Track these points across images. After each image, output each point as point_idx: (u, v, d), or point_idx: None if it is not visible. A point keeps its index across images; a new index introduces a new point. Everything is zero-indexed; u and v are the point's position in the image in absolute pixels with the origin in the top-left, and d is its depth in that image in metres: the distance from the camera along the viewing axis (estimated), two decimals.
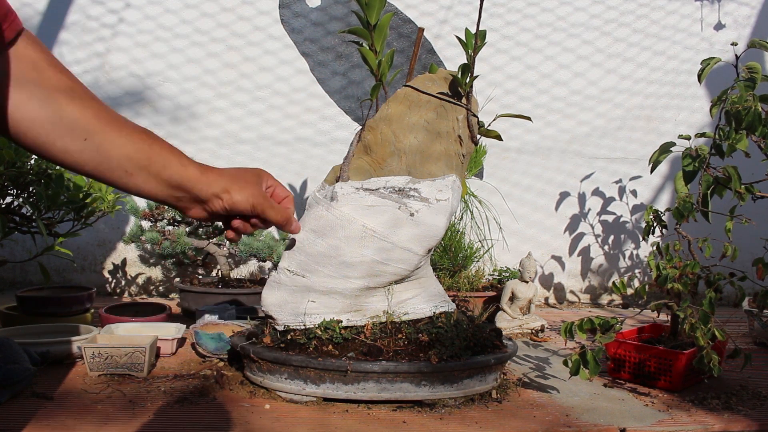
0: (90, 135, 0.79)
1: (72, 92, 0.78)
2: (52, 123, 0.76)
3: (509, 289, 1.93)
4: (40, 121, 0.75)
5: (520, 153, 2.72)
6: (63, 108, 0.76)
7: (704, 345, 1.30)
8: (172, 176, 0.87)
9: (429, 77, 1.38)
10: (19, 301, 1.73)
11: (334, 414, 1.19)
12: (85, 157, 0.79)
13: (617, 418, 1.21)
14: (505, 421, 1.18)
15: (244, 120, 2.57)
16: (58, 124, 0.76)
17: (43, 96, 0.75)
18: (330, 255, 1.24)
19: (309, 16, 2.61)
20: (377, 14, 1.37)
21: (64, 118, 0.76)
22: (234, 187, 0.96)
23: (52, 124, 0.76)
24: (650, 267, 1.48)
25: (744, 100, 1.42)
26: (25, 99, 0.74)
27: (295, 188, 2.59)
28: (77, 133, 0.78)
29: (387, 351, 1.24)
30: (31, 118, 0.75)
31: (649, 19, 2.78)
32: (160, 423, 1.12)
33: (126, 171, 0.83)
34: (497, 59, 2.70)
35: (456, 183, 1.30)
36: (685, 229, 1.53)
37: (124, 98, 2.51)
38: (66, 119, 0.77)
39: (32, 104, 0.74)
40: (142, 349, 1.35)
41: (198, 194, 0.92)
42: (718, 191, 1.52)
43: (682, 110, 2.80)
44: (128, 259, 2.53)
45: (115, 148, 0.81)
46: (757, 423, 1.22)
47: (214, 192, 0.93)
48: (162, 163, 0.86)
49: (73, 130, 0.77)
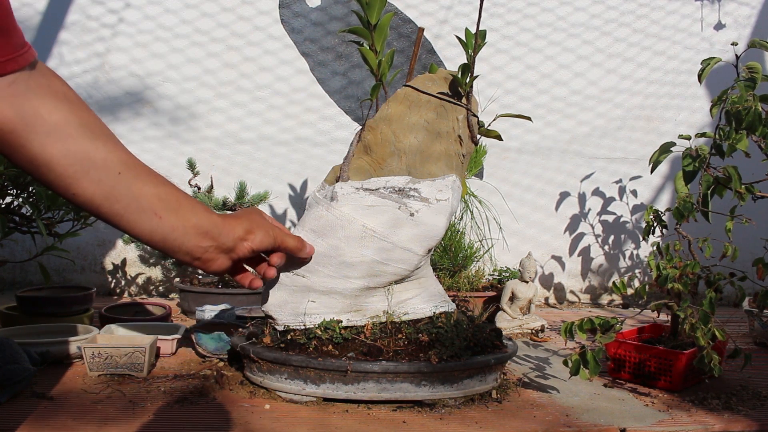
0: (122, 171, 0.75)
1: (96, 130, 0.74)
2: (80, 160, 0.72)
3: (509, 289, 1.93)
4: (66, 157, 0.71)
5: (521, 153, 2.72)
6: (89, 145, 0.72)
7: (704, 345, 1.30)
8: (200, 221, 0.84)
9: (429, 77, 1.38)
10: (19, 301, 1.73)
11: (334, 414, 1.19)
12: (115, 193, 0.75)
13: (617, 418, 1.21)
14: (505, 421, 1.18)
15: (244, 120, 2.57)
16: (85, 161, 0.72)
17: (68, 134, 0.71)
18: (330, 255, 1.24)
19: (309, 16, 2.61)
20: (377, 14, 1.37)
21: (91, 156, 0.73)
22: (253, 226, 0.95)
23: (79, 161, 0.72)
24: (650, 267, 1.48)
25: (744, 100, 1.42)
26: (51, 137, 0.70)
27: (295, 188, 2.59)
28: (108, 170, 0.74)
29: (387, 351, 1.24)
30: (56, 155, 0.70)
31: (649, 19, 2.78)
32: (160, 423, 1.12)
33: (155, 213, 0.79)
34: (497, 59, 2.70)
35: (456, 183, 1.30)
36: (685, 229, 1.53)
37: (124, 98, 2.51)
38: (94, 158, 0.73)
39: (57, 143, 0.70)
40: (142, 349, 1.35)
41: (225, 242, 0.89)
42: (719, 191, 1.52)
43: (683, 110, 2.80)
44: (128, 259, 2.53)
45: (147, 187, 0.78)
46: (758, 423, 1.22)
47: (239, 236, 0.91)
48: (190, 208, 0.83)
49: (103, 167, 0.73)
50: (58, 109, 0.71)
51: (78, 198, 0.74)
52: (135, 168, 0.77)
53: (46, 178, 0.72)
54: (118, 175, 0.75)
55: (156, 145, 2.53)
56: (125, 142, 0.79)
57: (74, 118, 0.72)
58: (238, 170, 2.54)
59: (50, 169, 0.71)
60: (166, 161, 2.52)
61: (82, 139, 0.72)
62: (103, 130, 0.75)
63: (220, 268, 0.91)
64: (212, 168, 2.48)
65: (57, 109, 0.70)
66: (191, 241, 0.84)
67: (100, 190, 0.74)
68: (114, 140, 0.76)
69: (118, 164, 0.75)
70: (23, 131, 0.68)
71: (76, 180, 0.72)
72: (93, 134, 0.73)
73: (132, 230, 0.79)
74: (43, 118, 0.69)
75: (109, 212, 0.76)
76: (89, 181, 0.73)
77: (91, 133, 0.73)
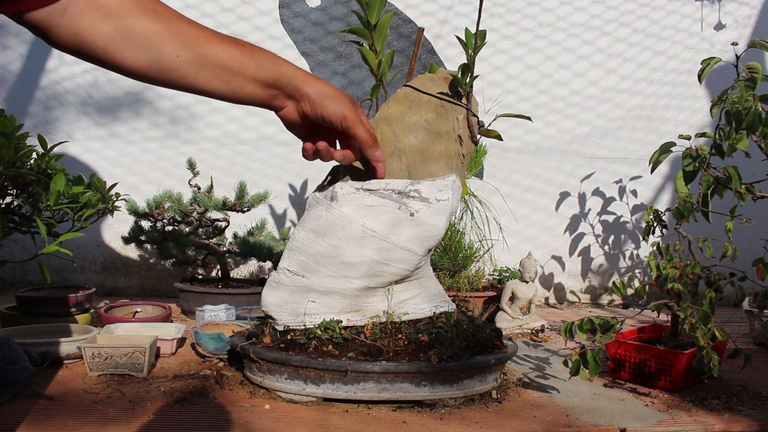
0: (192, 47, 0.85)
1: (157, 12, 0.82)
2: (159, 36, 0.81)
3: (509, 289, 1.93)
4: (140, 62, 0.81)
5: (521, 153, 2.72)
6: (153, 25, 0.81)
7: (704, 345, 1.30)
8: (268, 76, 0.93)
9: (429, 77, 1.38)
10: (19, 301, 1.73)
11: (334, 414, 1.19)
12: (187, 70, 0.85)
13: (617, 419, 1.21)
14: (505, 421, 1.18)
15: (244, 120, 2.57)
16: (165, 36, 0.82)
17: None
18: (330, 255, 1.24)
19: (309, 16, 2.61)
20: (377, 14, 1.37)
21: (160, 33, 0.81)
22: (330, 94, 1.00)
23: (158, 37, 0.81)
24: (650, 267, 1.47)
25: (744, 100, 1.42)
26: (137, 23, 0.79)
27: (295, 188, 2.59)
28: (178, 47, 0.83)
29: (387, 351, 1.24)
30: (140, 34, 0.80)
31: (649, 19, 2.78)
32: (160, 423, 1.12)
33: (223, 80, 0.89)
34: (497, 59, 2.70)
35: (456, 183, 1.30)
36: (686, 229, 1.53)
37: (123, 98, 2.51)
38: (161, 34, 0.82)
39: (144, 21, 0.80)
40: (142, 349, 1.35)
41: (293, 91, 0.97)
42: (719, 191, 1.52)
43: (683, 110, 2.80)
44: (128, 259, 2.53)
45: (212, 57, 0.87)
46: (758, 423, 1.22)
47: (306, 94, 0.98)
48: (255, 65, 0.91)
49: (181, 42, 0.83)
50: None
51: (128, 71, 0.84)
52: (201, 44, 0.86)
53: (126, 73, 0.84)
54: (177, 58, 0.84)
55: (156, 145, 2.53)
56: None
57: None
58: (238, 170, 2.54)
59: (132, 73, 0.83)
60: (166, 161, 2.52)
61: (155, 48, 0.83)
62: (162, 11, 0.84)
63: (288, 116, 1.01)
64: (212, 168, 2.48)
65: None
66: (260, 94, 0.94)
67: (172, 73, 0.86)
68: (171, 24, 0.84)
69: (179, 48, 0.84)
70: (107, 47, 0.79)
71: (147, 72, 0.84)
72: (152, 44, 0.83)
73: (205, 94, 0.91)
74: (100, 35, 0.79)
75: (180, 85, 0.88)
76: (149, 63, 0.84)
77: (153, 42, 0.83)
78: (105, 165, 2.49)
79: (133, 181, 2.47)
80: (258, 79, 0.92)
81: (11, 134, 1.37)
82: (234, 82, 0.90)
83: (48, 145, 1.46)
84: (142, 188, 2.42)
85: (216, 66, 0.87)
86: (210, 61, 0.87)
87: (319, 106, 0.99)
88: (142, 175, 2.51)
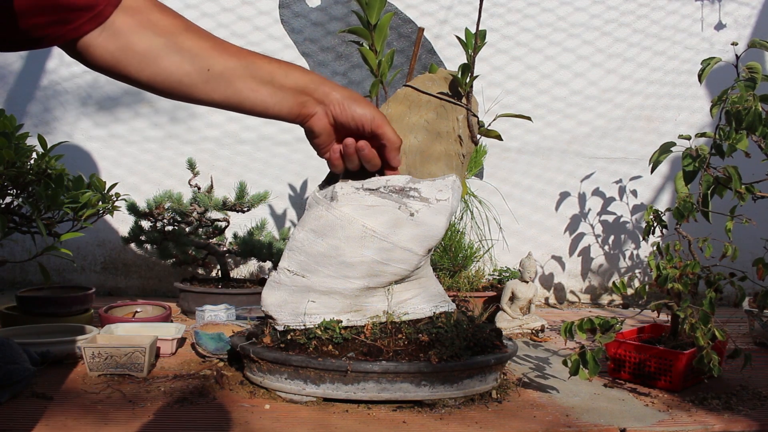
0: (210, 67, 0.85)
1: (187, 29, 0.83)
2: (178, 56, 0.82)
3: (509, 289, 1.93)
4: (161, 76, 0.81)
5: (521, 153, 2.72)
6: (183, 42, 0.82)
7: (704, 345, 1.30)
8: (296, 82, 0.94)
9: (429, 77, 1.38)
10: (19, 301, 1.73)
11: (334, 414, 1.19)
12: (212, 85, 0.85)
13: (617, 418, 1.21)
14: (505, 421, 1.18)
15: (244, 120, 2.57)
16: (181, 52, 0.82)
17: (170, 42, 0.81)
18: (330, 255, 1.24)
19: (309, 16, 2.61)
20: (377, 14, 1.37)
21: (184, 50, 0.82)
22: (356, 97, 1.03)
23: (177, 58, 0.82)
24: (650, 267, 1.47)
25: (744, 100, 1.42)
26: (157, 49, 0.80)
27: (295, 188, 2.59)
28: (200, 64, 0.83)
29: (387, 351, 1.24)
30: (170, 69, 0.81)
31: (649, 19, 2.78)
32: (160, 423, 1.12)
33: (251, 89, 0.89)
34: (497, 59, 2.70)
35: (456, 183, 1.30)
36: (686, 229, 1.53)
37: (123, 98, 2.51)
38: (189, 53, 0.82)
39: (170, 56, 0.81)
40: (142, 349, 1.35)
41: (322, 96, 0.98)
42: (719, 191, 1.52)
43: (683, 110, 2.80)
44: (128, 259, 2.53)
45: (234, 69, 0.87)
46: (758, 423, 1.22)
47: (335, 98, 1.00)
48: (283, 73, 0.93)
49: (198, 63, 0.83)
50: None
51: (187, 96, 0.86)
52: (221, 54, 0.86)
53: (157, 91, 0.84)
54: (208, 72, 0.84)
55: (156, 145, 2.53)
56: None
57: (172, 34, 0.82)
58: (238, 170, 2.54)
59: (153, 87, 0.83)
60: (166, 161, 2.52)
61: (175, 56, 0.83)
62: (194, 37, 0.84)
63: (317, 125, 1.02)
64: (212, 168, 2.48)
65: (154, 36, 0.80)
66: (289, 101, 0.95)
67: (200, 92, 0.85)
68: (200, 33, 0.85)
69: (207, 61, 0.84)
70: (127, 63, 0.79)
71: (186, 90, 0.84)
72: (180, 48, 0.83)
73: (236, 108, 0.91)
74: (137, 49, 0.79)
75: (208, 100, 0.87)
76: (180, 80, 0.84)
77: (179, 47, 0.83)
78: (105, 165, 2.49)
79: (133, 181, 2.47)
80: (287, 86, 0.93)
81: (11, 134, 1.38)
82: (262, 91, 0.90)
83: (48, 145, 1.46)
84: (142, 188, 2.42)
85: (252, 77, 0.89)
86: (247, 72, 0.88)
87: (348, 108, 1.01)
88: (142, 175, 2.51)
